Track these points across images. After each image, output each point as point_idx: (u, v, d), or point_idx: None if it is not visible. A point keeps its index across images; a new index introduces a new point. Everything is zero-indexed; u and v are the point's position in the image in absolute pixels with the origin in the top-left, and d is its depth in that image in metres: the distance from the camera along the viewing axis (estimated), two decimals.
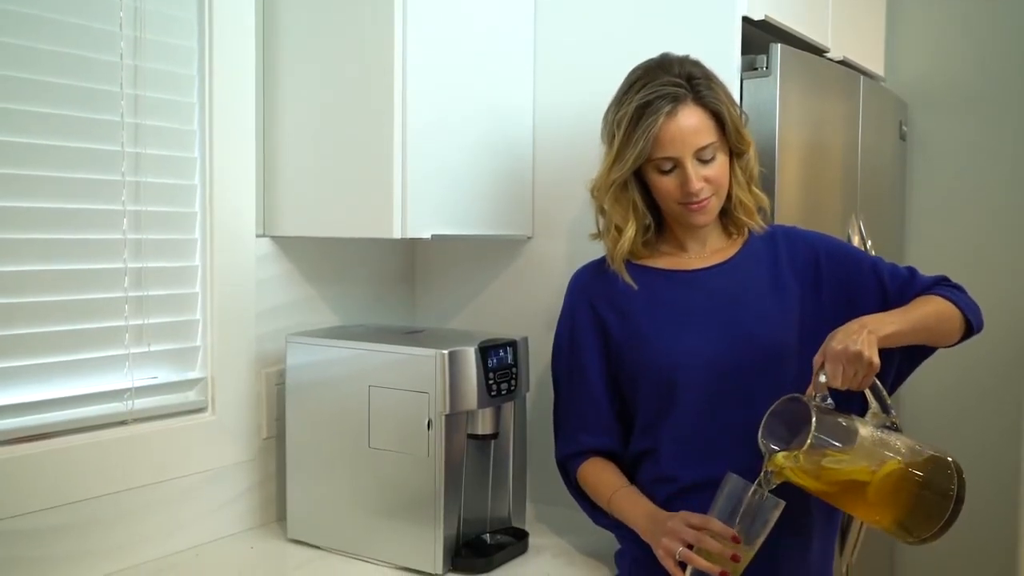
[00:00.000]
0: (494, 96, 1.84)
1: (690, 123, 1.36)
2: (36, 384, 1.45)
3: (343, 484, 1.61)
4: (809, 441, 1.20)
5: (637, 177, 1.44)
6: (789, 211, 1.75)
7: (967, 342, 1.45)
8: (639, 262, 1.50)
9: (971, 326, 1.42)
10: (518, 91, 1.91)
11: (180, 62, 1.63)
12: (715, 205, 1.42)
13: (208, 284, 1.67)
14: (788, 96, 1.72)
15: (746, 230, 1.50)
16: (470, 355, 1.52)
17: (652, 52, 1.45)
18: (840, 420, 1.26)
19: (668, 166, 1.38)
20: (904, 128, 2.47)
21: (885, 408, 1.30)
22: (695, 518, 1.28)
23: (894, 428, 1.29)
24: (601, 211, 1.50)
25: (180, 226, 1.65)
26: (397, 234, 1.62)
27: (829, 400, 1.25)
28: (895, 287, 1.43)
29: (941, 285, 1.44)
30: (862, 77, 2.14)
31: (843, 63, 2.16)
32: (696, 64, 1.40)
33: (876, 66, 2.45)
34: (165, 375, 1.63)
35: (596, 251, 1.56)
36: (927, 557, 2.55)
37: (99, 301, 1.53)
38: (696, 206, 1.40)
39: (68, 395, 1.49)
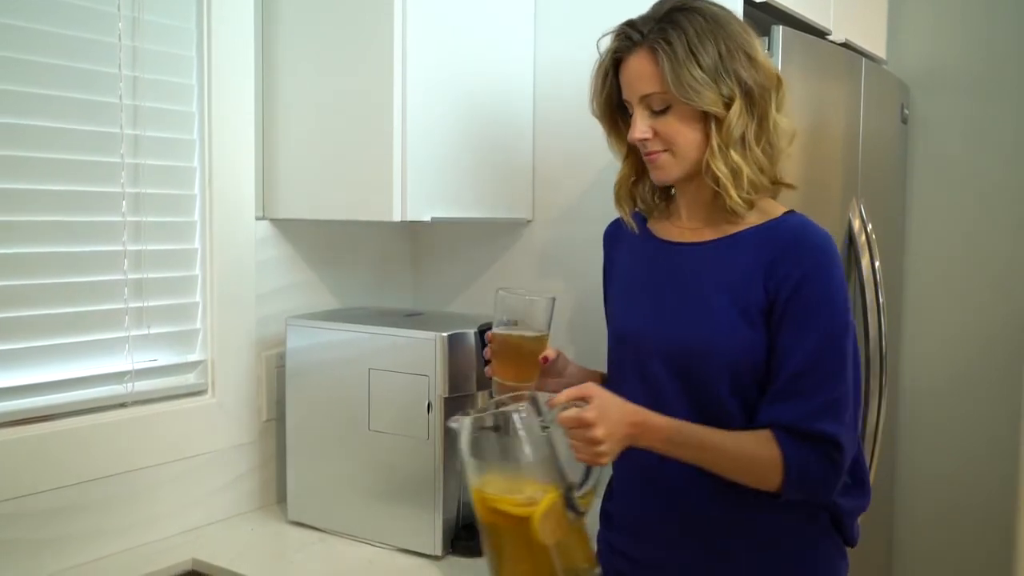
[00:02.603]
0: (494, 81, 1.83)
1: (635, 68, 1.27)
2: (36, 366, 1.45)
3: (343, 466, 1.62)
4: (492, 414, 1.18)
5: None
6: (790, 195, 1.74)
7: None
8: (650, 224, 1.42)
9: (785, 492, 1.21)
10: (518, 75, 1.90)
11: (179, 43, 1.62)
12: (668, 162, 1.28)
13: (208, 266, 1.67)
14: (789, 78, 1.68)
15: (745, 210, 1.28)
16: (470, 338, 1.52)
17: None
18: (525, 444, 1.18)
19: (631, 110, 1.30)
20: (905, 111, 2.46)
21: (583, 483, 1.21)
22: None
23: (575, 508, 1.20)
24: None
25: (179, 208, 1.65)
26: (397, 217, 1.61)
27: (544, 421, 1.19)
28: (777, 386, 1.22)
29: (803, 440, 1.19)
30: (864, 60, 2.13)
31: (845, 45, 2.14)
32: (680, 10, 1.25)
33: (878, 49, 2.44)
34: (165, 357, 1.63)
35: (595, 235, 1.55)
36: (926, 550, 2.56)
37: (99, 283, 1.53)
38: (648, 157, 1.30)
39: (68, 377, 1.49)
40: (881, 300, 2.10)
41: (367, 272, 2.03)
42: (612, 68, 1.31)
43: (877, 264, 2.10)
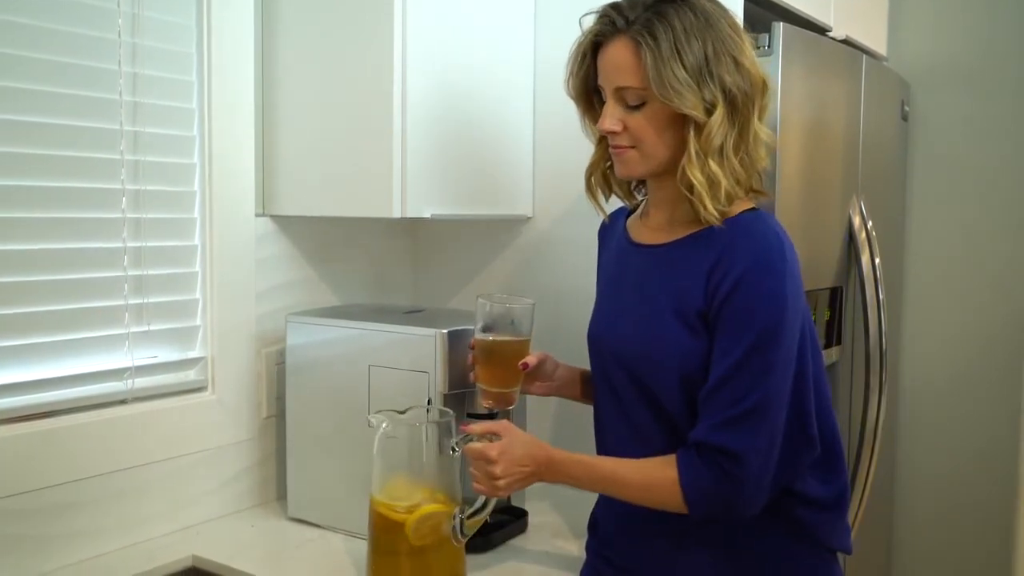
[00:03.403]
0: (494, 78, 1.83)
1: (614, 57, 1.21)
2: (36, 363, 1.45)
3: (343, 463, 1.62)
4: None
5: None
6: (790, 192, 1.75)
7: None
8: (628, 222, 1.40)
9: (692, 512, 1.18)
10: (518, 73, 1.90)
11: (179, 40, 1.62)
12: (634, 159, 1.24)
13: (208, 263, 1.67)
14: (790, 75, 1.71)
15: (718, 221, 1.21)
16: (470, 335, 1.51)
17: None
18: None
19: (604, 97, 1.25)
20: (906, 108, 2.46)
21: (475, 508, 1.31)
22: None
23: (460, 529, 1.32)
24: None
25: (179, 205, 1.65)
26: (397, 214, 1.61)
27: (457, 441, 1.29)
28: (701, 396, 1.19)
29: (703, 456, 1.15)
30: (864, 56, 2.13)
31: (845, 42, 2.14)
32: (671, 1, 1.18)
33: (879, 45, 2.44)
34: (165, 354, 1.63)
35: (596, 232, 1.55)
36: (926, 550, 2.56)
37: (99, 280, 1.53)
38: (613, 150, 1.26)
39: (68, 374, 1.49)
40: (881, 297, 2.10)
41: (367, 269, 2.03)
42: (591, 50, 1.26)
43: (877, 261, 2.10)
